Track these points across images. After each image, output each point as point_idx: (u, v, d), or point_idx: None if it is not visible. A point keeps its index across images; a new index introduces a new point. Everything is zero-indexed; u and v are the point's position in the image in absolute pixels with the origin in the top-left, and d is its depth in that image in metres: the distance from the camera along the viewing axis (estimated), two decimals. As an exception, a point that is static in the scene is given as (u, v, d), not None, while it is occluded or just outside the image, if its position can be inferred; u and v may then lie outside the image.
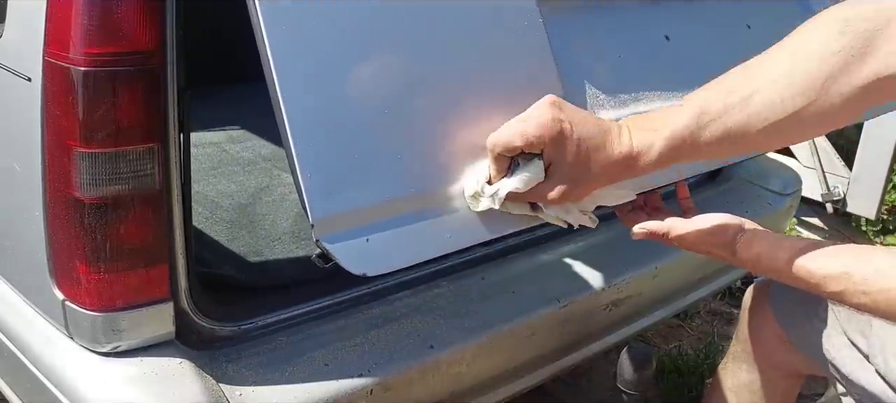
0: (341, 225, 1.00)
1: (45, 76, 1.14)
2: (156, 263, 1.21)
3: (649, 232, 1.27)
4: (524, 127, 1.06)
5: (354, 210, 1.01)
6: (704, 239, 1.23)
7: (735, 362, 1.73)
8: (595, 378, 2.45)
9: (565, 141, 1.05)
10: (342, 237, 1.00)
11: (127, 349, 1.23)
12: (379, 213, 1.04)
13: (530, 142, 1.05)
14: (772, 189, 2.23)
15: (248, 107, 2.49)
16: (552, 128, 1.05)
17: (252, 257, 1.74)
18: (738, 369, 1.72)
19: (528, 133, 1.05)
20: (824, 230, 3.58)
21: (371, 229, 1.03)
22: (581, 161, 1.07)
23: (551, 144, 1.05)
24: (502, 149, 1.07)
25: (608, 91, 1.32)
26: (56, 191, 1.17)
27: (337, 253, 0.99)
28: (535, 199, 1.12)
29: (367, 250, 1.02)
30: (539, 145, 1.06)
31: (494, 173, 1.10)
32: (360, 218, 1.02)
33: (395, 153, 1.06)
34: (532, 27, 1.19)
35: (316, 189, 0.97)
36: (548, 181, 1.08)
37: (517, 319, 1.56)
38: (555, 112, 1.05)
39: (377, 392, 1.34)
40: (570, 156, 1.06)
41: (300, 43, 0.97)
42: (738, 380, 1.72)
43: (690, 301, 2.09)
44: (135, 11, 1.09)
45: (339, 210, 1.00)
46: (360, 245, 1.02)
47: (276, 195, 2.07)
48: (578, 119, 1.06)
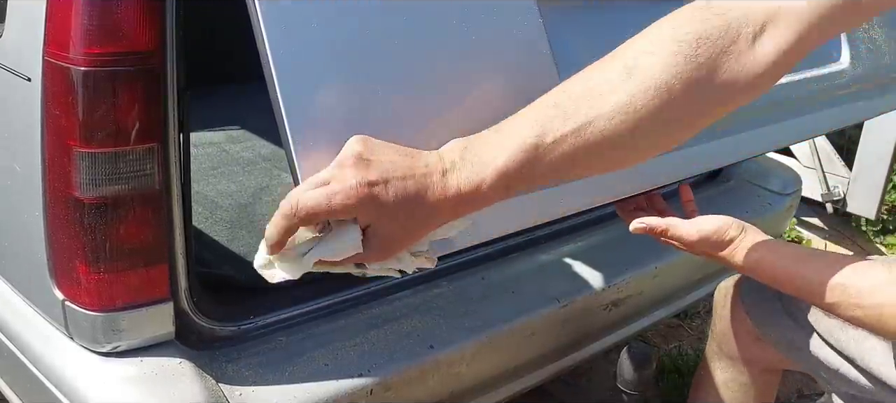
0: None
1: (45, 76, 1.14)
2: (156, 263, 1.21)
3: (648, 227, 1.27)
4: (328, 196, 0.87)
5: None
6: (703, 241, 1.23)
7: (712, 360, 1.74)
8: (595, 378, 2.45)
9: (379, 204, 0.87)
10: None
11: (127, 349, 1.23)
12: None
13: (337, 214, 0.88)
14: (772, 189, 2.23)
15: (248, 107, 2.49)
16: (360, 194, 0.86)
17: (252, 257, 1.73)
18: (715, 367, 1.73)
19: (334, 204, 0.87)
20: (824, 230, 3.58)
21: None
22: (402, 218, 0.89)
23: (363, 211, 0.87)
24: (304, 219, 0.90)
25: None
26: (56, 191, 1.17)
27: None
28: (354, 263, 0.94)
29: None
30: (348, 214, 0.88)
31: (274, 229, 0.93)
32: None
33: None
34: (532, 26, 1.18)
35: None
36: (366, 245, 0.90)
37: (517, 319, 1.56)
38: (361, 173, 0.87)
39: (377, 392, 1.34)
40: (387, 218, 0.88)
41: (301, 43, 0.97)
42: (716, 378, 1.72)
43: (690, 301, 2.09)
44: (135, 11, 1.09)
45: None
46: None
47: (276, 195, 2.07)
48: (391, 171, 0.88)
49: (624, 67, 0.89)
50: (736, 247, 1.20)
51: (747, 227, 1.23)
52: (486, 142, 0.91)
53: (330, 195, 0.87)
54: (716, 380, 1.72)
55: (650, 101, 0.87)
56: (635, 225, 1.27)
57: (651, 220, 1.26)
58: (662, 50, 0.89)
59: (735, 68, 0.89)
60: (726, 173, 2.26)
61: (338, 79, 1.00)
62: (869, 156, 3.28)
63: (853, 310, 1.07)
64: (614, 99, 0.88)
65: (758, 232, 1.23)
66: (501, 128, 0.92)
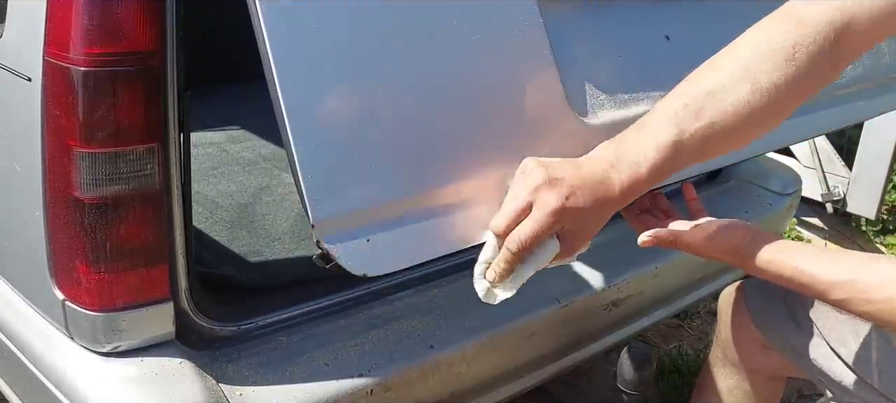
0: (342, 226, 1.00)
1: (45, 76, 1.14)
2: (156, 263, 1.21)
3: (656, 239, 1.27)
4: (542, 221, 1.05)
5: (355, 211, 1.01)
6: (711, 245, 1.23)
7: (716, 366, 1.73)
8: (595, 378, 2.45)
9: (575, 212, 1.06)
10: (343, 238, 1.00)
11: (127, 349, 1.23)
12: (379, 214, 1.04)
13: (549, 232, 1.06)
14: (772, 189, 2.23)
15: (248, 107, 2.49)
16: (564, 210, 1.05)
17: (252, 257, 1.74)
18: (719, 373, 1.72)
19: (547, 225, 1.05)
20: (824, 230, 3.58)
21: (372, 230, 1.03)
22: (590, 218, 1.09)
23: (566, 222, 1.06)
24: (528, 248, 1.07)
25: (608, 91, 1.32)
26: (56, 191, 1.17)
27: (338, 254, 0.99)
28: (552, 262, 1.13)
29: (368, 251, 1.02)
30: (557, 229, 1.07)
31: (506, 265, 1.09)
32: (360, 220, 1.02)
33: (395, 154, 1.05)
34: (532, 27, 1.18)
35: (317, 190, 0.97)
36: (563, 245, 1.10)
37: (517, 319, 1.56)
38: (558, 192, 1.05)
39: (377, 392, 1.34)
40: (580, 221, 1.08)
41: (301, 43, 0.97)
42: (720, 385, 1.72)
43: (690, 301, 2.09)
44: (135, 11, 1.09)
45: (340, 211, 1.00)
46: (361, 246, 1.02)
47: (276, 195, 2.07)
48: (575, 183, 1.06)
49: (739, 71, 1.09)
50: (743, 249, 1.21)
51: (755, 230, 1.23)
52: (635, 143, 1.09)
53: (542, 220, 1.04)
54: (719, 387, 1.72)
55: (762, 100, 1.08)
56: (643, 239, 1.27)
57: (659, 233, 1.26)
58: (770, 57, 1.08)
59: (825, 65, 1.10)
60: (726, 173, 2.26)
61: (338, 79, 1.00)
62: (869, 156, 3.27)
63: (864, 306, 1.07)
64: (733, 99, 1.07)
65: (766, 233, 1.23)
66: (643, 126, 1.09)
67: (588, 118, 1.27)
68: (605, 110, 1.30)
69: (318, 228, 0.97)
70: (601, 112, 1.30)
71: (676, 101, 1.10)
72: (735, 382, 1.69)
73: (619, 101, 1.33)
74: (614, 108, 1.32)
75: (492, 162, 1.16)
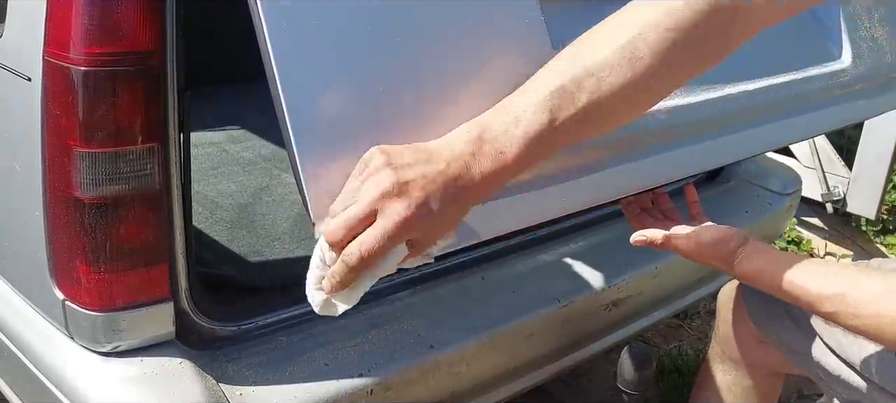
0: None
1: (45, 76, 1.14)
2: (156, 263, 1.21)
3: (648, 240, 1.27)
4: (386, 234, 0.89)
5: None
6: (704, 251, 1.24)
7: (715, 362, 1.74)
8: (595, 378, 2.45)
9: (427, 217, 0.91)
10: None
11: (127, 349, 1.23)
12: None
13: (396, 243, 0.91)
14: (772, 189, 2.23)
15: (248, 107, 2.49)
16: (413, 219, 0.90)
17: (252, 257, 1.74)
18: (718, 369, 1.73)
19: (394, 236, 0.90)
20: (824, 230, 3.58)
21: None
22: (444, 218, 0.94)
23: (417, 229, 0.92)
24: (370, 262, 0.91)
25: None
26: (56, 191, 1.17)
27: None
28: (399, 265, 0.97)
29: None
30: (406, 238, 0.92)
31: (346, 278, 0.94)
32: None
33: None
34: (534, 26, 1.18)
35: (318, 189, 0.97)
36: (411, 248, 0.95)
37: (517, 319, 1.56)
38: (408, 200, 0.90)
39: (377, 392, 1.34)
40: (432, 228, 0.94)
41: (302, 42, 0.97)
42: (719, 381, 1.72)
43: (690, 301, 2.09)
44: (135, 11, 1.09)
45: None
46: None
47: (276, 195, 2.07)
48: (428, 182, 0.91)
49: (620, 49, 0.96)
50: (736, 258, 1.21)
51: (749, 238, 1.24)
52: (501, 129, 0.95)
53: (389, 232, 0.90)
54: (718, 383, 1.72)
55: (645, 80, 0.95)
56: (636, 237, 1.27)
57: (650, 233, 1.26)
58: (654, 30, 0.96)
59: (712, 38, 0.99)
60: (726, 173, 2.26)
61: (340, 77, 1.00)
62: (869, 156, 3.27)
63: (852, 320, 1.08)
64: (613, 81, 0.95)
65: (759, 243, 1.24)
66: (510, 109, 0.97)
67: None
68: None
69: (320, 228, 0.97)
70: None
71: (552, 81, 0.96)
72: (734, 378, 1.70)
73: None
74: None
75: None
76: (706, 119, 1.42)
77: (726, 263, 1.23)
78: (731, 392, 1.70)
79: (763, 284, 1.20)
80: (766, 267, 1.19)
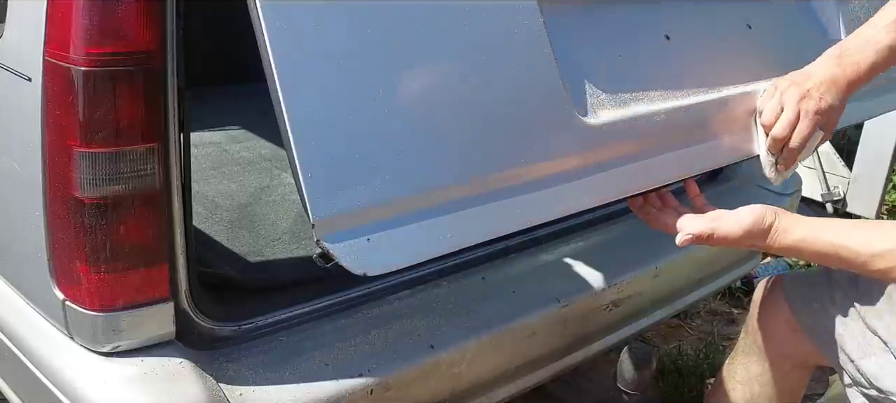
0: (342, 225, 1.00)
1: (45, 76, 1.14)
2: (156, 263, 1.21)
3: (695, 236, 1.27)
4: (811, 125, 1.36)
5: (355, 210, 1.01)
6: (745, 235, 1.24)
7: (744, 355, 1.73)
8: (595, 378, 2.45)
9: (824, 109, 1.37)
10: (343, 237, 1.00)
11: (127, 349, 1.23)
12: (380, 213, 1.04)
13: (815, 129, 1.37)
14: (772, 189, 2.23)
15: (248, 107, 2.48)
16: (821, 110, 1.36)
17: (252, 257, 1.74)
18: (747, 361, 1.72)
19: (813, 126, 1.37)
20: (824, 230, 3.57)
21: (372, 229, 1.03)
22: (834, 106, 1.39)
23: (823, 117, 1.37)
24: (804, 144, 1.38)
25: (608, 90, 1.32)
26: (56, 191, 1.17)
27: (338, 253, 0.99)
28: None
29: (368, 250, 1.02)
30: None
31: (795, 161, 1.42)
32: (361, 218, 1.02)
33: (396, 152, 1.05)
34: (532, 26, 1.18)
35: (317, 189, 0.97)
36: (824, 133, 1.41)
37: (517, 319, 1.56)
38: (813, 103, 1.36)
39: (377, 392, 1.34)
40: (829, 111, 1.38)
41: (301, 42, 0.97)
42: (746, 373, 1.72)
43: (690, 301, 2.09)
44: (135, 11, 1.09)
45: (340, 210, 1.00)
46: (361, 244, 1.02)
47: (276, 195, 2.07)
48: (816, 85, 1.37)
49: None
50: (776, 232, 1.22)
51: (779, 211, 1.24)
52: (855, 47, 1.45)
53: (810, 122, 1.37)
54: (746, 375, 1.72)
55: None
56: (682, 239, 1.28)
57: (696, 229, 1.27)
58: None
59: None
60: (727, 173, 2.26)
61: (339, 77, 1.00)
62: (869, 155, 3.27)
63: None
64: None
65: (790, 214, 1.25)
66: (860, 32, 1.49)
67: (588, 117, 1.27)
68: (605, 109, 1.30)
69: (319, 227, 0.97)
70: (601, 111, 1.30)
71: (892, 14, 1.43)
72: (762, 368, 1.70)
73: (620, 100, 1.33)
74: (615, 107, 1.32)
75: (492, 160, 1.16)
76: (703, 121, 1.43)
77: (768, 240, 1.23)
78: (758, 383, 1.70)
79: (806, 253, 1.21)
80: (807, 235, 1.20)
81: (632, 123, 1.32)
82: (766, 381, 1.69)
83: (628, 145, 1.33)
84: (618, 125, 1.30)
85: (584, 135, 1.26)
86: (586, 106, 1.28)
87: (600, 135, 1.28)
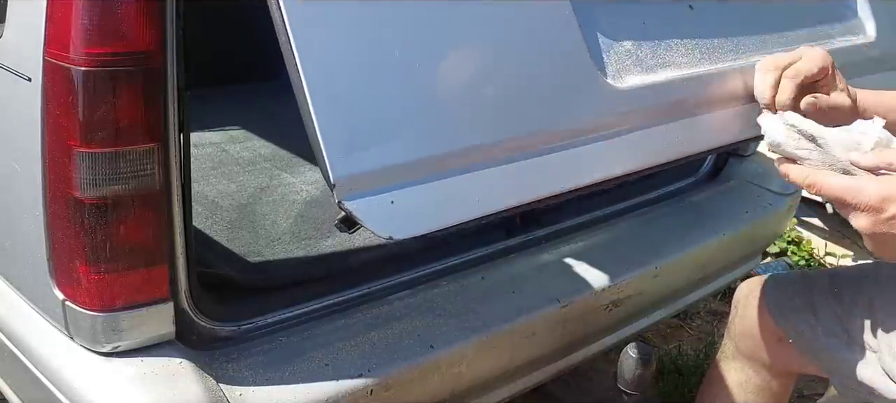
0: (364, 186, 0.95)
1: (45, 76, 1.14)
2: (156, 263, 1.21)
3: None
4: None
5: (378, 169, 0.96)
6: None
7: (727, 360, 1.73)
8: (595, 378, 2.45)
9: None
10: (365, 196, 0.94)
11: (127, 349, 1.23)
12: (405, 173, 0.99)
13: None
14: (772, 189, 2.23)
15: (248, 107, 2.49)
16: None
17: (252, 257, 1.74)
18: (730, 367, 1.72)
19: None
20: (824, 230, 3.58)
21: (396, 189, 0.98)
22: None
23: None
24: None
25: (632, 58, 1.28)
26: (56, 191, 1.17)
27: (360, 213, 0.94)
28: None
29: (393, 211, 0.97)
30: None
31: None
32: (383, 178, 0.97)
33: (422, 109, 1.00)
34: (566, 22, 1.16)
35: (336, 146, 0.91)
36: None
37: (517, 319, 1.56)
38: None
39: (377, 392, 1.34)
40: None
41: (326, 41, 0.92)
42: (730, 379, 1.72)
43: (690, 301, 2.09)
44: (135, 11, 1.09)
45: (361, 169, 0.94)
46: (385, 205, 0.96)
47: (276, 195, 2.07)
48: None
49: None
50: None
51: None
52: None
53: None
54: (729, 381, 1.72)
55: None
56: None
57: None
58: None
59: None
60: (727, 173, 2.26)
61: (360, 26, 0.96)
62: (869, 156, 3.26)
63: None
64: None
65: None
66: None
67: (614, 81, 1.24)
68: (630, 74, 1.27)
69: (339, 187, 0.92)
70: (627, 76, 1.27)
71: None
72: (746, 376, 1.69)
73: (644, 67, 1.30)
74: (640, 73, 1.29)
75: (519, 121, 1.11)
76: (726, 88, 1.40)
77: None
78: (743, 390, 1.70)
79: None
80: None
81: (657, 89, 1.30)
82: (751, 388, 1.69)
83: (654, 110, 1.30)
84: (642, 90, 1.27)
85: (611, 99, 1.23)
86: (608, 73, 1.25)
87: (625, 99, 1.25)
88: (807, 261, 3.41)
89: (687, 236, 1.95)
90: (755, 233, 2.16)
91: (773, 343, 1.62)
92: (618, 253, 1.80)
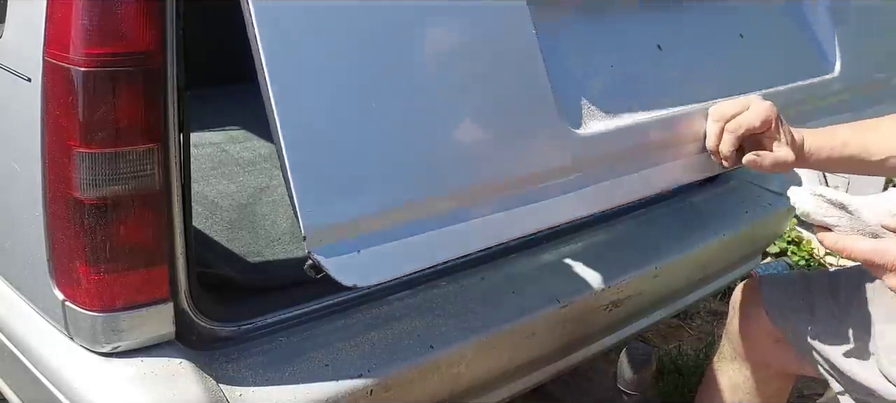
0: (333, 237, 1.01)
1: (45, 76, 1.14)
2: (156, 263, 1.21)
3: None
4: None
5: (346, 221, 1.02)
6: None
7: (725, 361, 1.73)
8: (595, 378, 2.45)
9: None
10: (334, 249, 1.01)
11: (127, 349, 1.23)
12: (371, 224, 1.05)
13: None
14: (772, 189, 2.23)
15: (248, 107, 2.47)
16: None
17: (252, 257, 1.74)
18: (728, 368, 1.72)
19: None
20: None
21: (363, 240, 1.04)
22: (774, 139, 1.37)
23: None
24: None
25: (599, 100, 1.32)
26: (56, 191, 1.17)
27: (329, 265, 1.00)
28: None
29: (359, 261, 1.03)
30: None
31: None
32: (352, 230, 1.03)
33: (388, 163, 1.06)
34: (525, 36, 1.18)
35: (308, 199, 0.97)
36: None
37: (517, 319, 1.56)
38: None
39: (377, 392, 1.34)
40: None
41: (294, 47, 0.96)
42: (728, 380, 1.72)
43: (690, 301, 2.09)
44: (135, 11, 1.09)
45: (332, 221, 1.01)
46: (352, 257, 1.03)
47: (276, 195, 2.07)
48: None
49: None
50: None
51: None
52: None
53: None
54: (727, 382, 1.71)
55: None
56: None
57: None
58: None
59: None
60: (727, 174, 2.26)
61: (332, 85, 1.00)
62: (869, 156, 3.27)
63: None
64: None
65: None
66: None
67: (579, 128, 1.28)
68: (595, 120, 1.31)
69: (310, 239, 0.98)
70: (592, 122, 1.30)
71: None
72: (743, 377, 1.69)
73: (611, 111, 1.33)
74: (606, 118, 1.32)
75: (482, 171, 1.16)
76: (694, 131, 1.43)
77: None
78: (740, 390, 1.70)
79: None
80: None
81: (623, 133, 1.33)
82: (749, 389, 1.69)
83: (619, 155, 1.33)
84: (607, 136, 1.31)
85: (574, 146, 1.27)
86: (577, 116, 1.28)
87: (589, 146, 1.29)
88: (807, 261, 3.41)
89: (687, 236, 1.95)
90: (755, 233, 2.16)
91: (771, 344, 1.62)
92: (618, 253, 1.80)
